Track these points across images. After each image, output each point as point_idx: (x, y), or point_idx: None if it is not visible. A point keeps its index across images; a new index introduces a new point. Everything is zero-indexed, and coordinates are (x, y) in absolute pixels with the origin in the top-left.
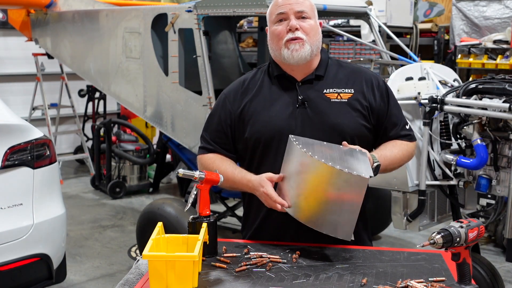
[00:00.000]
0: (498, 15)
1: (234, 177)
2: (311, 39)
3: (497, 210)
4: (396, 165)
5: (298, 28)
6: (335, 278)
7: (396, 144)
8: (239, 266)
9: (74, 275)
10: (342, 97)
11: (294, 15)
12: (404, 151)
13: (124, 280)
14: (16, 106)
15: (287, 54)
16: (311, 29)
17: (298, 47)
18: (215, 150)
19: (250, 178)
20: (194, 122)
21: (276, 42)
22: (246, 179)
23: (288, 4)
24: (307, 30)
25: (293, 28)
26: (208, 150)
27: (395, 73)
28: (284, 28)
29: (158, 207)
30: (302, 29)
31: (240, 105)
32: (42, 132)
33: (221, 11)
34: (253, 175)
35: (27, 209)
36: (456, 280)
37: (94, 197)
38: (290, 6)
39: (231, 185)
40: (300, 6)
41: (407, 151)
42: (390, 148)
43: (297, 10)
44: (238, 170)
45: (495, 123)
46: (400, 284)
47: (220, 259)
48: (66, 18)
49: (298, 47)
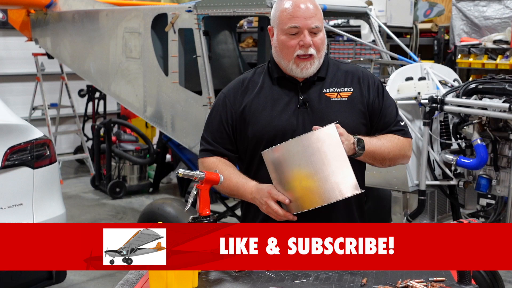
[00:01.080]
0: (498, 15)
1: (238, 187)
2: (320, 54)
3: (497, 210)
4: (385, 155)
5: (311, 44)
6: (335, 278)
7: (387, 136)
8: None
9: (74, 275)
10: (342, 96)
11: (308, 31)
12: (394, 143)
13: (124, 280)
14: (16, 106)
15: (296, 70)
16: (322, 44)
17: (308, 65)
18: (217, 151)
19: (252, 190)
20: (194, 122)
21: (285, 53)
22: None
23: (303, 18)
24: (319, 46)
25: (306, 45)
26: (210, 151)
27: (395, 73)
28: (296, 42)
29: (158, 207)
30: (314, 45)
31: (241, 103)
32: (42, 132)
33: (221, 11)
34: (254, 187)
35: (27, 209)
36: (456, 280)
37: (94, 197)
38: (305, 22)
39: (230, 192)
40: (314, 21)
41: (397, 144)
42: (378, 137)
43: (312, 27)
44: (241, 178)
45: (495, 123)
46: (400, 284)
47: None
48: (66, 18)
49: (308, 66)
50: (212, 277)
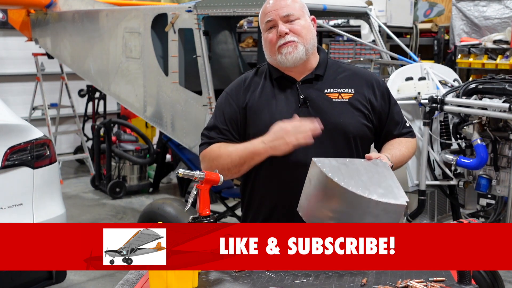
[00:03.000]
0: (498, 15)
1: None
2: (303, 38)
3: (497, 210)
4: (403, 163)
5: (287, 32)
6: (335, 278)
7: (402, 141)
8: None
9: (74, 275)
10: (343, 97)
11: (281, 20)
12: (410, 148)
13: (124, 280)
14: (16, 106)
15: (281, 58)
16: (302, 29)
17: (291, 49)
18: (218, 140)
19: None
20: (194, 122)
21: (269, 48)
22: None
23: (273, 11)
24: (298, 31)
25: (282, 34)
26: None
27: (395, 73)
28: (274, 35)
29: (158, 207)
30: (292, 32)
31: (245, 100)
32: (42, 132)
33: (221, 11)
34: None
35: (27, 209)
36: (456, 280)
37: (94, 197)
38: (276, 12)
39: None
40: (286, 9)
41: (412, 147)
42: (397, 147)
43: (283, 15)
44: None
45: (495, 123)
46: (400, 284)
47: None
48: (66, 18)
49: (291, 50)
50: (212, 277)
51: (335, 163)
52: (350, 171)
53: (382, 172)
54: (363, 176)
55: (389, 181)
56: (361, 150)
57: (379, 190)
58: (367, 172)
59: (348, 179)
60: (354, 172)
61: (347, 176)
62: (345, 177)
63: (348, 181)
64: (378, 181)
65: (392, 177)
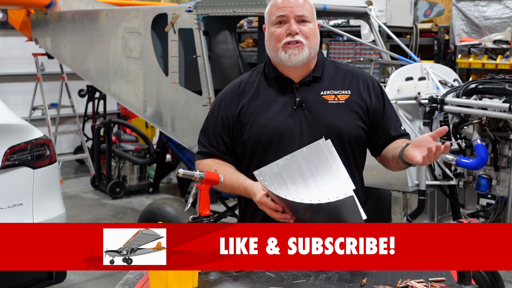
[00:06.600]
0: (498, 15)
1: (232, 183)
2: (310, 42)
3: (497, 210)
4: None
5: (298, 32)
6: (335, 278)
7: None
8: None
9: (74, 275)
10: (340, 98)
11: (295, 19)
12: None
13: (124, 280)
14: (16, 106)
15: (285, 57)
16: (311, 33)
17: (297, 51)
18: (213, 154)
19: (246, 186)
20: (194, 122)
21: (274, 43)
22: (243, 186)
23: (289, 7)
24: (307, 34)
25: (293, 33)
26: (206, 154)
27: (395, 73)
28: (283, 31)
29: (158, 207)
30: (302, 33)
31: (237, 107)
32: (42, 132)
33: (221, 11)
34: (249, 183)
35: (27, 209)
36: (456, 280)
37: (94, 197)
38: (291, 10)
39: (230, 190)
40: (301, 10)
41: None
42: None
43: (298, 14)
44: (236, 176)
45: (495, 123)
46: (400, 284)
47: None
48: (66, 18)
49: (296, 52)
50: (212, 277)
51: (276, 169)
52: (292, 173)
53: (324, 157)
54: (306, 172)
55: (332, 168)
56: (357, 152)
57: (324, 187)
58: (309, 165)
59: (293, 185)
60: (296, 171)
61: (291, 181)
62: (289, 184)
63: (294, 190)
64: (322, 173)
65: (334, 159)
